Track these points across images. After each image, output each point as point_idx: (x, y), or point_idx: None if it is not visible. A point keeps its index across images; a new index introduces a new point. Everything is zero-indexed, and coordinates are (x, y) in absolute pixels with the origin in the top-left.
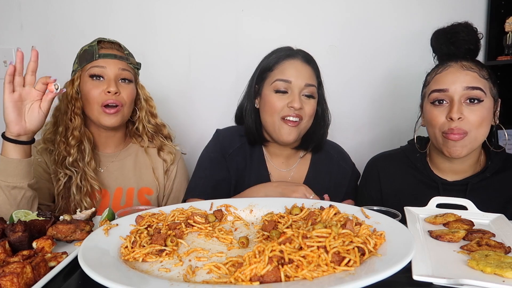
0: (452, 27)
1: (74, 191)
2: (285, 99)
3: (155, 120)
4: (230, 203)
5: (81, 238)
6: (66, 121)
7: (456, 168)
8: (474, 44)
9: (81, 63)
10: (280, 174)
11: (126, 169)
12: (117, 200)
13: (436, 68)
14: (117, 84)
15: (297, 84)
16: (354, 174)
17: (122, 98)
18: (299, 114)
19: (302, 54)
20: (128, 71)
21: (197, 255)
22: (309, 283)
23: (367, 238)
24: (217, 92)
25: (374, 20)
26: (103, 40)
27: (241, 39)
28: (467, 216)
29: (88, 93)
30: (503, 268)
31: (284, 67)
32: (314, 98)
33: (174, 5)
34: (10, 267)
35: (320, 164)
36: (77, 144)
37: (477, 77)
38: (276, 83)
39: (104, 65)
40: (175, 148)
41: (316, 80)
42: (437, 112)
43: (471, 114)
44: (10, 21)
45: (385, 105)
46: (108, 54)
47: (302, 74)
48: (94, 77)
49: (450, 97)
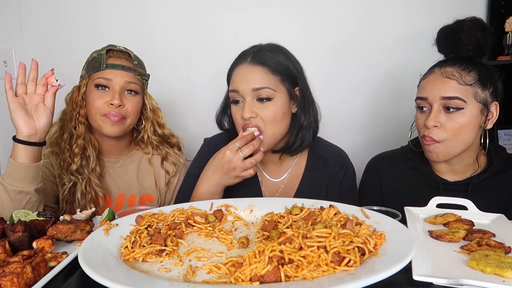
0: (455, 25)
1: (79, 197)
2: (240, 109)
3: (162, 130)
4: (230, 203)
5: (81, 238)
6: (70, 128)
7: (453, 169)
8: (475, 44)
9: (89, 71)
10: (272, 183)
11: (129, 175)
12: (119, 206)
13: (425, 73)
14: (121, 96)
15: (245, 91)
16: (347, 175)
17: (126, 110)
18: (257, 125)
19: (253, 55)
20: (134, 84)
21: (197, 255)
22: (309, 283)
23: (367, 238)
24: (217, 92)
25: (375, 20)
26: (113, 49)
27: (241, 39)
28: (467, 216)
29: (92, 102)
30: (503, 268)
31: (233, 76)
32: (271, 99)
33: (174, 5)
34: (10, 267)
35: (315, 170)
36: (80, 152)
37: (456, 85)
38: (230, 94)
39: (111, 77)
40: (179, 159)
41: (274, 77)
42: (420, 117)
43: (449, 122)
44: (10, 21)
45: (386, 105)
46: (115, 65)
47: (248, 78)
48: (100, 87)
49: (430, 104)
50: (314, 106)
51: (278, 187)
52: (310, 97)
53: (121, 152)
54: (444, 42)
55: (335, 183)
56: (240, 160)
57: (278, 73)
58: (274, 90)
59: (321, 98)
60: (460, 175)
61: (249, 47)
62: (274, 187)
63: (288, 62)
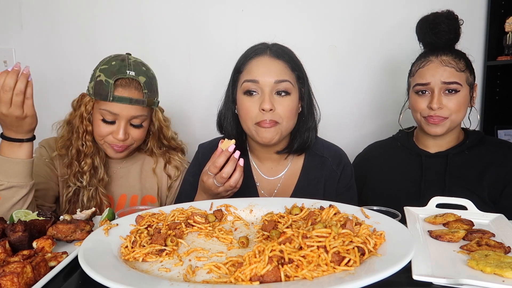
0: (434, 17)
1: (85, 201)
2: (256, 101)
3: (168, 142)
4: (230, 203)
5: (81, 238)
6: (77, 143)
7: (439, 143)
8: (454, 33)
9: (95, 95)
10: (268, 182)
11: (132, 176)
12: (120, 206)
13: (419, 61)
14: (126, 128)
15: (266, 82)
16: (345, 173)
17: (131, 139)
18: (273, 120)
19: (272, 49)
20: (141, 117)
21: (197, 255)
22: (309, 283)
23: (367, 238)
24: (217, 92)
25: (375, 20)
26: (122, 77)
27: (241, 39)
28: (467, 216)
29: (97, 128)
30: (503, 268)
31: (251, 66)
32: (289, 94)
33: (174, 5)
34: (10, 267)
35: (312, 169)
36: (89, 169)
37: (454, 72)
38: (244, 85)
39: (117, 111)
40: (183, 164)
41: (293, 74)
42: (420, 100)
43: (450, 103)
44: (10, 21)
45: (386, 104)
46: (123, 98)
47: (271, 70)
48: (105, 120)
49: (431, 88)
50: (316, 108)
51: (275, 186)
52: (313, 99)
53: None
54: (427, 33)
55: (333, 181)
56: (218, 187)
57: (295, 70)
58: (292, 85)
59: (321, 98)
60: (441, 148)
61: (259, 43)
62: (271, 186)
63: (300, 62)
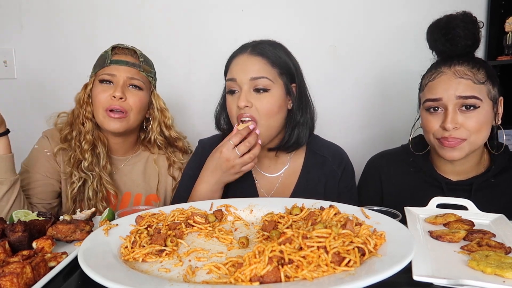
0: (447, 21)
1: (90, 195)
2: (235, 98)
3: (169, 132)
4: (230, 203)
5: (81, 238)
6: (78, 125)
7: (459, 169)
8: (472, 39)
9: (95, 68)
10: (267, 179)
11: (136, 174)
12: (124, 204)
13: (429, 73)
14: (124, 90)
15: (242, 80)
16: (345, 173)
17: (128, 104)
18: (251, 115)
19: (254, 47)
20: (138, 79)
21: (197, 255)
22: (309, 283)
23: (367, 239)
24: (217, 92)
25: (375, 20)
26: (118, 46)
27: (241, 39)
28: (468, 216)
29: (96, 97)
30: (504, 268)
31: (232, 65)
32: (267, 91)
33: (174, 5)
34: (10, 267)
35: (312, 168)
36: (90, 148)
37: (471, 85)
38: (226, 84)
39: (114, 72)
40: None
41: (273, 70)
42: (432, 119)
43: (468, 121)
44: (10, 21)
45: (386, 104)
46: (119, 61)
47: (247, 68)
48: (104, 82)
49: (444, 105)
50: (310, 105)
51: (274, 184)
52: (307, 95)
53: (128, 150)
54: (439, 39)
55: (333, 181)
56: (237, 157)
57: (277, 66)
58: (271, 81)
59: (321, 98)
60: (463, 176)
61: (250, 41)
62: (270, 184)
63: (287, 57)
